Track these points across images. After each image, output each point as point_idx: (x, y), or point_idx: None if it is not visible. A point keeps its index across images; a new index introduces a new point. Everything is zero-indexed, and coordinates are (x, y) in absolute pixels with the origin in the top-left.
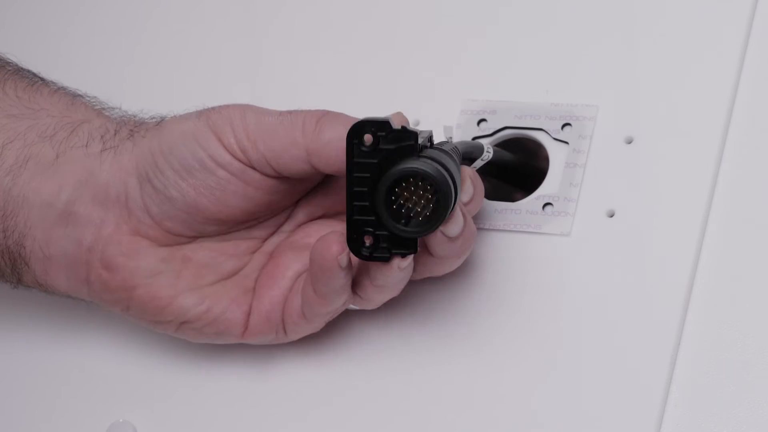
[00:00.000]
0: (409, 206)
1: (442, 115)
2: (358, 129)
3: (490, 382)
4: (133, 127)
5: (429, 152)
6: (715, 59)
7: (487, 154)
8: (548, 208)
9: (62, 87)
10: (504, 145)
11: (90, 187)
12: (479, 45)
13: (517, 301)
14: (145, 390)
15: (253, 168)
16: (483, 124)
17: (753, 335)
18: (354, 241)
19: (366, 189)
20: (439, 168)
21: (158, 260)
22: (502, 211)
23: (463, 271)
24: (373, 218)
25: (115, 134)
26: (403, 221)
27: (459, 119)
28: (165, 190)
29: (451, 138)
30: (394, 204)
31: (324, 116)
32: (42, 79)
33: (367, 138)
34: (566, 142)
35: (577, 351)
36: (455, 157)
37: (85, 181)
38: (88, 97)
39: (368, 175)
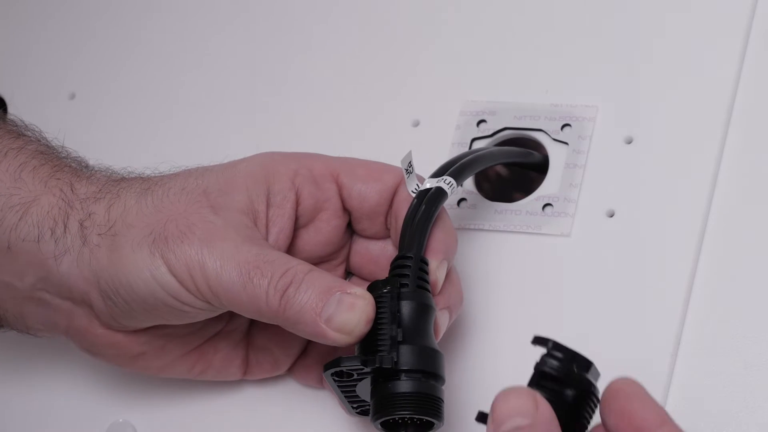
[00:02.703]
0: (405, 418)
1: (441, 115)
2: (337, 372)
3: (489, 382)
4: (83, 219)
5: (404, 348)
6: (714, 59)
7: (450, 189)
8: (548, 208)
9: (11, 143)
10: (504, 145)
11: (52, 284)
12: (479, 46)
13: (517, 301)
14: (145, 390)
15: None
16: (482, 125)
17: (753, 335)
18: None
19: (357, 396)
20: (421, 388)
21: (139, 344)
22: (502, 212)
23: (463, 273)
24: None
25: (65, 230)
26: (402, 431)
27: (459, 120)
28: (129, 313)
29: (410, 164)
30: (390, 419)
31: (288, 289)
32: None
33: (347, 375)
34: (566, 143)
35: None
36: (425, 297)
37: (45, 277)
38: (32, 142)
39: (355, 392)
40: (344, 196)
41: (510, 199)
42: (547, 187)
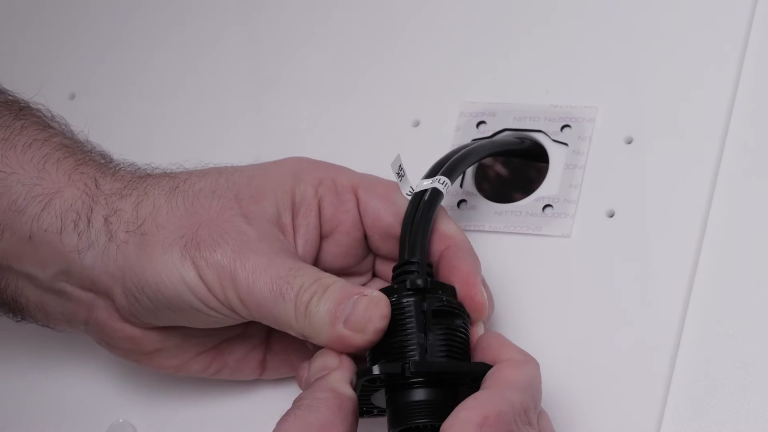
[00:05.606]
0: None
1: (441, 116)
2: (371, 378)
3: None
4: (108, 215)
5: (425, 363)
6: (714, 59)
7: (445, 188)
8: (548, 209)
9: (36, 134)
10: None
11: (73, 276)
12: (478, 46)
13: (518, 302)
14: (146, 390)
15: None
16: (482, 126)
17: (752, 336)
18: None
19: (368, 400)
20: (438, 396)
21: (157, 340)
22: (502, 213)
23: None
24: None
25: (88, 224)
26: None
27: (458, 121)
28: (152, 312)
29: (401, 168)
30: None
31: (311, 300)
32: (21, 110)
33: (380, 380)
34: (566, 144)
35: (577, 351)
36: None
37: (67, 269)
38: (57, 134)
39: (369, 397)
40: (361, 211)
41: (510, 200)
42: (547, 188)
